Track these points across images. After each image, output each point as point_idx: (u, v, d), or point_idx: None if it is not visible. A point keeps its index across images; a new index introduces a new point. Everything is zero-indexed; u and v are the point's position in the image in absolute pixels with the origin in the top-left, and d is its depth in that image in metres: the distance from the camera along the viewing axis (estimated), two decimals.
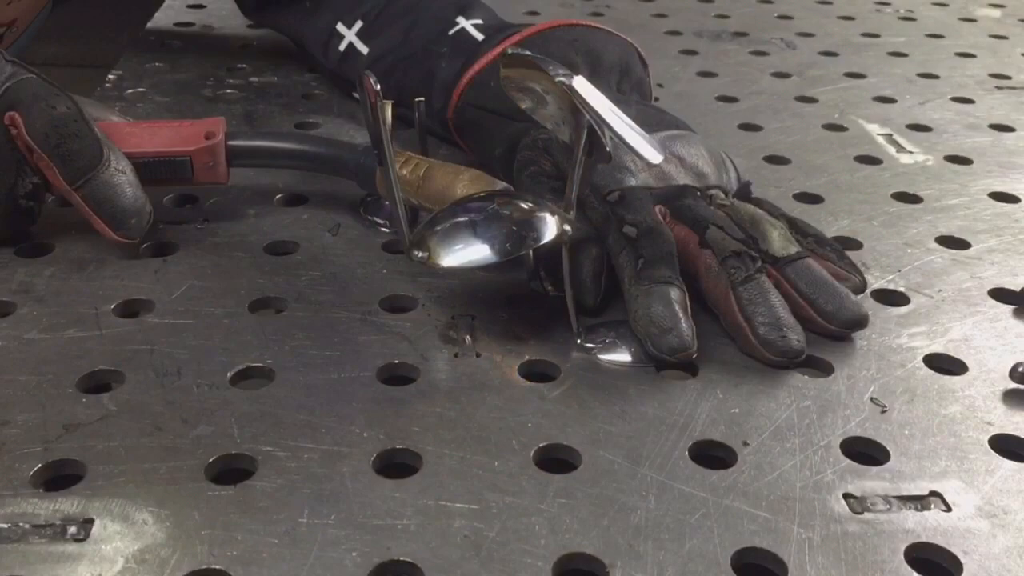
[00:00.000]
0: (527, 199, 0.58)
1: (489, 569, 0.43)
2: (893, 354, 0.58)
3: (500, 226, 0.56)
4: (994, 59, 1.06)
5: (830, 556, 0.45)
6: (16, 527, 0.45)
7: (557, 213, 0.57)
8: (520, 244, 0.55)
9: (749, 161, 0.81)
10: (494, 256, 0.55)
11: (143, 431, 0.51)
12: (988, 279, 0.66)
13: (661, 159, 0.56)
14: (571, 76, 0.55)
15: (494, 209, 0.56)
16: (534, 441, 0.51)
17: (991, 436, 0.52)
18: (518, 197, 0.59)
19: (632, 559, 0.44)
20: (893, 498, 0.48)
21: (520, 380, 0.55)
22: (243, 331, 0.58)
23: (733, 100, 0.94)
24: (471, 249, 0.55)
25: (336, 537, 0.45)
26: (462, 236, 0.56)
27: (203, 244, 0.67)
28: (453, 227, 0.56)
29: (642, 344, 0.57)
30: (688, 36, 1.10)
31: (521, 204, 0.57)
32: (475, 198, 0.58)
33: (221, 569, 0.43)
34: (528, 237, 0.55)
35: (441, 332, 0.59)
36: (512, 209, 0.57)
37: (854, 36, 1.12)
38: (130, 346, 0.57)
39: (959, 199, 0.77)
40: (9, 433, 0.50)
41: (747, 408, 0.54)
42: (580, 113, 0.54)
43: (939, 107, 0.94)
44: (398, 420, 0.52)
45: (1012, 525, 0.47)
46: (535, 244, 0.56)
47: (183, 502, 0.46)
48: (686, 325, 0.56)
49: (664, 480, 0.49)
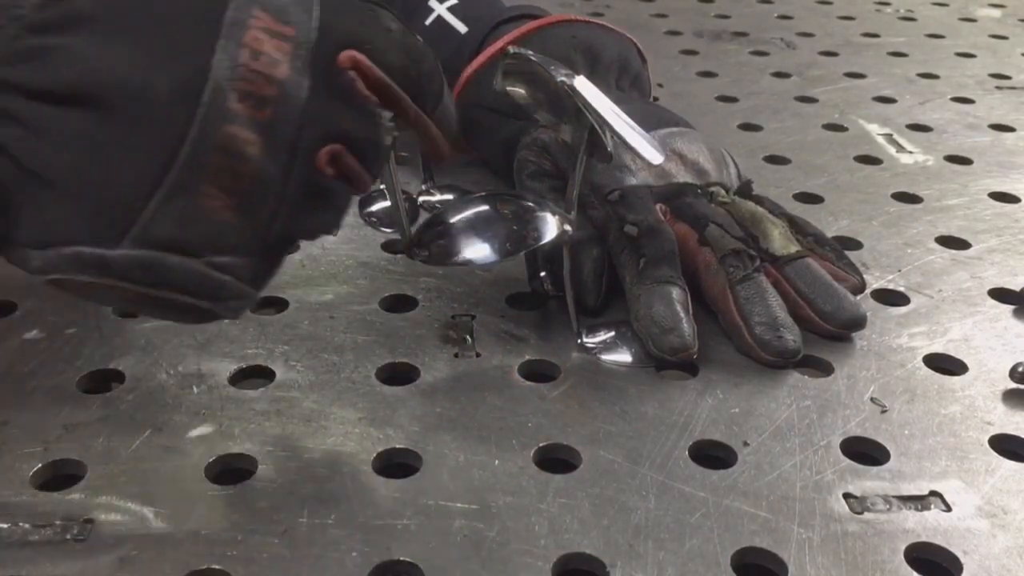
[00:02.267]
0: (528, 199, 0.58)
1: (489, 569, 0.43)
2: (893, 354, 0.58)
3: (501, 226, 0.56)
4: (994, 59, 1.06)
5: (830, 556, 0.45)
6: (16, 527, 0.45)
7: (558, 213, 0.57)
8: (520, 244, 0.56)
9: (749, 161, 0.81)
10: (494, 256, 0.55)
11: (143, 431, 0.50)
12: (988, 279, 0.66)
13: (662, 159, 0.56)
14: (572, 76, 0.55)
15: (495, 209, 0.57)
16: (534, 441, 0.51)
17: (991, 436, 0.52)
18: (519, 197, 0.59)
19: (632, 559, 0.44)
20: (893, 498, 0.48)
21: (520, 380, 0.55)
22: (243, 331, 0.58)
23: (733, 100, 0.94)
24: (472, 249, 0.55)
25: (336, 537, 0.45)
26: (463, 235, 0.56)
27: None
28: (454, 226, 0.56)
29: (643, 344, 0.57)
30: (688, 36, 1.10)
31: (522, 204, 0.57)
32: (476, 198, 0.58)
33: (221, 569, 0.43)
34: (528, 237, 0.55)
35: (441, 332, 0.59)
36: (513, 209, 0.57)
37: (854, 36, 1.12)
38: (130, 346, 0.57)
39: (959, 199, 0.77)
40: (9, 433, 0.50)
41: (747, 408, 0.54)
42: (582, 113, 0.54)
43: (939, 107, 0.94)
44: (398, 420, 0.52)
45: (1012, 525, 0.47)
46: (535, 244, 0.56)
47: (183, 502, 0.46)
48: (687, 325, 0.56)
49: (664, 480, 0.49)
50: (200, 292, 0.43)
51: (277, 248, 0.45)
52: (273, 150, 0.42)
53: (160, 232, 0.41)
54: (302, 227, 0.45)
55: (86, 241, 0.41)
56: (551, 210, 0.57)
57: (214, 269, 0.42)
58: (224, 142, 0.41)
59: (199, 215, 0.42)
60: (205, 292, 0.43)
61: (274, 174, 0.43)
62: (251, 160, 0.42)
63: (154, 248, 0.41)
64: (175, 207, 0.41)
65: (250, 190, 0.42)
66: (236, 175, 0.42)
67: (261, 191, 0.43)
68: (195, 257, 0.42)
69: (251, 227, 0.43)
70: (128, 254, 0.41)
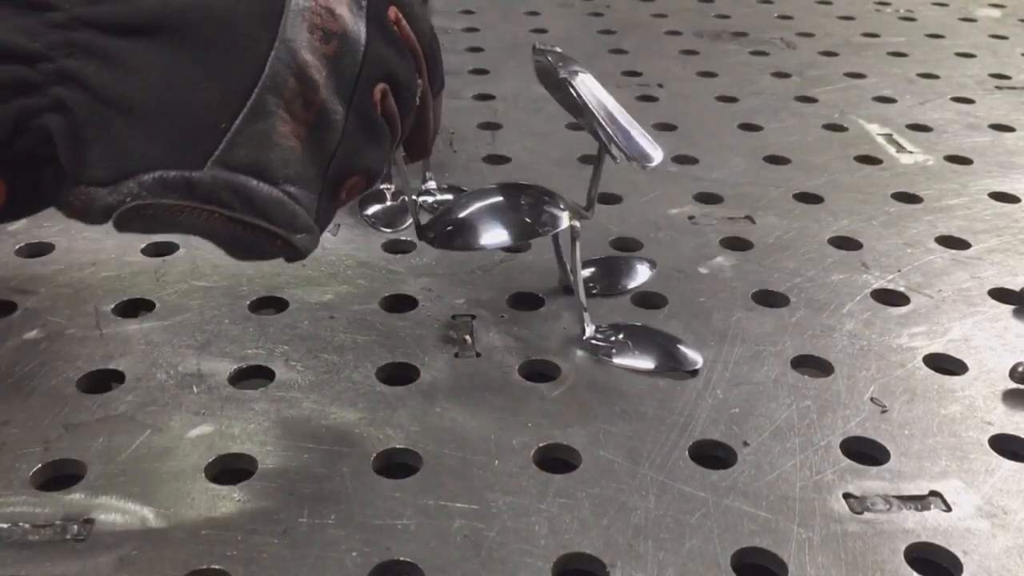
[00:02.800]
0: (545, 191, 0.59)
1: (489, 569, 0.43)
2: (893, 354, 0.58)
3: (512, 215, 0.57)
4: (994, 59, 1.06)
5: (830, 556, 0.45)
6: (16, 527, 0.45)
7: (571, 207, 0.58)
8: (529, 233, 0.57)
9: (749, 161, 0.81)
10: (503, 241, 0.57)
11: (143, 431, 0.50)
12: (988, 279, 0.66)
13: (660, 159, 0.56)
14: (576, 74, 0.55)
15: (509, 198, 0.57)
16: (534, 441, 0.51)
17: (991, 436, 0.52)
18: (536, 189, 0.59)
19: (632, 559, 0.44)
20: (893, 498, 0.48)
21: (520, 380, 0.56)
22: (243, 331, 0.58)
23: (733, 100, 0.94)
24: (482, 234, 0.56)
25: (336, 537, 0.45)
26: (475, 221, 0.56)
27: (203, 244, 0.67)
28: (466, 211, 0.57)
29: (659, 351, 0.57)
30: (688, 36, 1.10)
31: (537, 195, 0.58)
32: (492, 187, 0.59)
33: (221, 569, 0.43)
34: (538, 226, 0.56)
35: (441, 332, 0.59)
36: (527, 200, 0.58)
37: (854, 36, 1.12)
38: (130, 346, 0.57)
39: (959, 199, 0.77)
40: (9, 433, 0.50)
41: (747, 408, 0.54)
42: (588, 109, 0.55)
43: (939, 107, 0.94)
44: (398, 420, 0.52)
45: (1012, 525, 0.47)
46: (544, 235, 0.57)
47: (183, 502, 0.46)
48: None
49: (664, 480, 0.49)
50: (278, 219, 0.43)
51: (333, 185, 0.46)
52: (338, 83, 0.44)
53: (241, 156, 0.42)
54: (355, 163, 0.46)
55: (170, 165, 0.41)
56: (565, 204, 0.58)
57: (288, 197, 0.43)
58: (300, 69, 0.43)
59: (275, 141, 0.43)
60: (282, 220, 0.43)
61: (337, 106, 0.44)
62: (320, 89, 0.43)
63: (236, 172, 0.42)
64: (255, 131, 0.42)
65: (317, 120, 0.44)
66: (307, 103, 0.43)
67: (326, 122, 0.44)
68: (272, 184, 0.43)
69: (315, 158, 0.44)
70: (215, 175, 0.42)
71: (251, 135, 0.42)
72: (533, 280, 0.64)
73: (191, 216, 0.42)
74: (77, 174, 0.42)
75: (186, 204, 0.42)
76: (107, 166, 0.42)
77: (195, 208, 0.42)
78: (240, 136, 0.42)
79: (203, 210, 0.42)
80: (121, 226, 0.43)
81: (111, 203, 0.42)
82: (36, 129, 0.42)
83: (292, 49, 0.43)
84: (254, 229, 0.43)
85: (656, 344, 0.57)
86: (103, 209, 0.42)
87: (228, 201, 0.42)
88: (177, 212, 0.42)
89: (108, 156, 0.42)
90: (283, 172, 0.43)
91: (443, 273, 0.64)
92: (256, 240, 0.44)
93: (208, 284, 0.63)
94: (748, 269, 0.66)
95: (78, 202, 0.42)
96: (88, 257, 0.65)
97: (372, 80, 0.45)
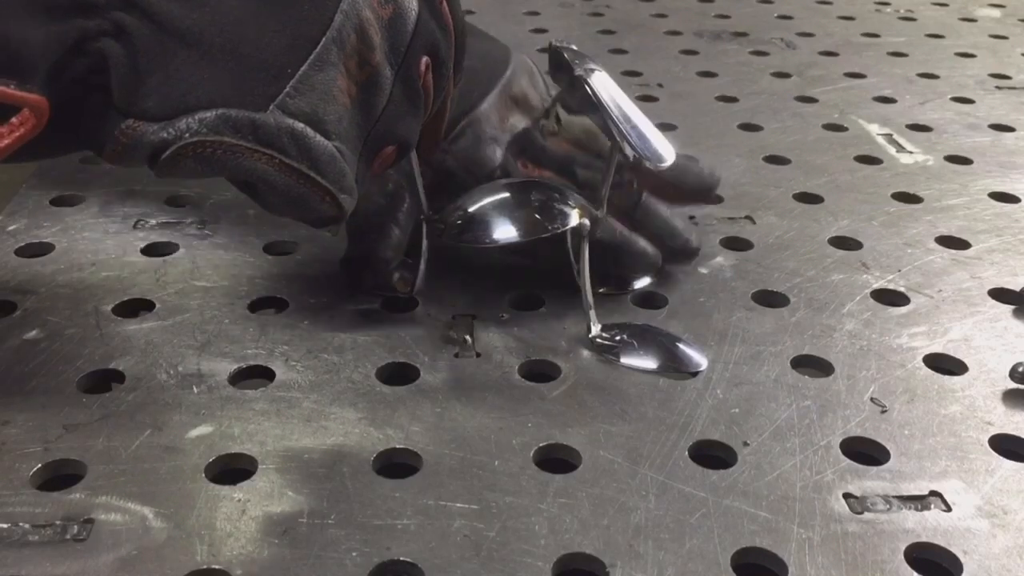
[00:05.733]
0: (558, 188, 0.59)
1: (489, 569, 0.43)
2: (893, 354, 0.58)
3: (521, 211, 0.56)
4: (994, 59, 1.06)
5: (830, 556, 0.45)
6: (16, 527, 0.45)
7: (583, 205, 0.57)
8: (539, 229, 0.56)
9: (749, 161, 0.81)
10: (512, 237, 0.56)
11: (143, 431, 0.50)
12: (988, 279, 0.66)
13: (673, 160, 0.56)
14: (592, 72, 0.55)
15: (519, 194, 0.57)
16: (534, 441, 0.51)
17: (991, 436, 0.52)
18: (547, 186, 0.59)
19: (632, 559, 0.44)
20: (893, 498, 0.48)
21: (520, 380, 0.56)
22: (243, 331, 0.58)
23: (733, 100, 0.94)
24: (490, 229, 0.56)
25: (336, 537, 0.45)
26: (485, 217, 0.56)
27: (203, 244, 0.67)
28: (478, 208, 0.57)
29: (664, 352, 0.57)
30: (688, 36, 1.10)
31: (549, 192, 0.58)
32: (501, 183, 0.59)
33: (221, 569, 0.43)
34: (547, 224, 0.56)
35: (441, 332, 0.59)
36: (538, 196, 0.57)
37: (854, 36, 1.12)
38: (130, 346, 0.57)
39: (959, 199, 0.77)
40: (9, 433, 0.50)
41: (747, 408, 0.54)
42: (602, 107, 0.55)
43: (939, 107, 0.94)
44: (398, 420, 0.52)
45: (1012, 525, 0.47)
46: (553, 232, 0.56)
47: (183, 502, 0.46)
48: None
49: (664, 480, 0.49)
50: (330, 174, 0.43)
51: (370, 151, 0.45)
52: (391, 47, 0.45)
53: (302, 105, 0.41)
54: (395, 131, 0.46)
55: (233, 104, 0.40)
56: (577, 202, 0.57)
57: (339, 154, 0.43)
58: (361, 26, 0.43)
59: (333, 94, 0.43)
60: (333, 176, 0.43)
61: (387, 71, 0.45)
62: (376, 51, 0.44)
63: (296, 119, 0.41)
64: (317, 80, 0.42)
65: (369, 81, 0.44)
66: (363, 62, 0.43)
67: (377, 84, 0.44)
68: (326, 138, 0.43)
69: (360, 120, 0.44)
70: (280, 120, 0.41)
71: (313, 84, 0.42)
72: (533, 280, 0.64)
73: (250, 158, 0.41)
74: (128, 106, 0.40)
75: (248, 146, 0.41)
76: (163, 99, 0.40)
77: (255, 151, 0.41)
78: (303, 84, 0.41)
79: (263, 154, 0.41)
80: (167, 167, 0.41)
81: (164, 139, 0.40)
82: (92, 53, 0.40)
83: (357, 5, 0.43)
84: (307, 181, 0.42)
85: (661, 345, 0.57)
86: (151, 145, 0.40)
87: (287, 148, 0.41)
88: (238, 153, 0.41)
89: (166, 89, 0.40)
90: (336, 128, 0.43)
91: (443, 273, 0.64)
92: (305, 193, 0.43)
93: (208, 284, 0.63)
94: (748, 269, 0.66)
95: (124, 137, 0.41)
96: (88, 257, 0.65)
97: (419, 50, 0.46)
